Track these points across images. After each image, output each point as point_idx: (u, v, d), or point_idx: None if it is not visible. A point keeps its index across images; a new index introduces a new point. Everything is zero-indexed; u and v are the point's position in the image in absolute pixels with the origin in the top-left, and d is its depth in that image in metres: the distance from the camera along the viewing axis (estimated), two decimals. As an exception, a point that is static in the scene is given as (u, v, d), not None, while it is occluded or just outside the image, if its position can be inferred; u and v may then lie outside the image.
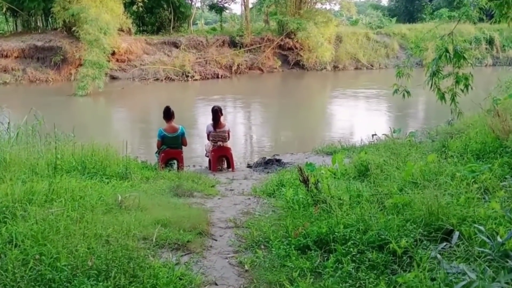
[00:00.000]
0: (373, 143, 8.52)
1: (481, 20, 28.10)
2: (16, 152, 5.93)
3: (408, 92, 5.59)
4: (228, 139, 7.64)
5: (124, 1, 23.47)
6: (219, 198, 5.25)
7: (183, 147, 7.22)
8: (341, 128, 13.39)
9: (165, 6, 27.37)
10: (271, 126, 14.18)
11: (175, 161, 7.17)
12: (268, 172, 7.39)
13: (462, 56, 4.91)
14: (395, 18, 37.59)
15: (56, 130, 7.26)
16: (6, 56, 22.36)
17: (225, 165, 7.70)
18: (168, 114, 7.01)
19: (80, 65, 19.48)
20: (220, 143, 7.47)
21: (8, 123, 7.14)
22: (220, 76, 24.61)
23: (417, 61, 33.29)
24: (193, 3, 31.44)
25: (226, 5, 31.86)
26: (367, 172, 5.25)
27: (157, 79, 23.14)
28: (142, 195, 4.80)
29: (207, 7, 34.45)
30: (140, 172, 6.17)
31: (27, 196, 4.06)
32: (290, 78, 25.80)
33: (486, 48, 33.14)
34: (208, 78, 24.16)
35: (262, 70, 26.62)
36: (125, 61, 23.85)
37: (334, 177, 5.49)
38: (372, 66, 29.50)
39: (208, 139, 7.61)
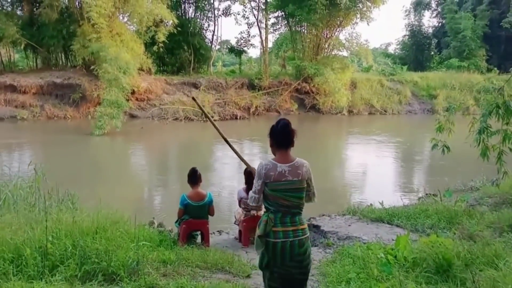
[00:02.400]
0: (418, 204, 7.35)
1: (489, 70, 26.59)
2: (2, 224, 4.29)
3: (448, 148, 5.02)
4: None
5: (145, 41, 22.50)
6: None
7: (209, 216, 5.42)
8: (362, 177, 11.92)
9: (185, 47, 26.65)
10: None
11: (198, 233, 5.37)
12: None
13: (513, 113, 4.29)
14: (406, 66, 36.75)
15: (63, 182, 5.63)
16: (24, 92, 21.13)
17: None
18: (194, 178, 5.16)
19: (99, 103, 18.02)
20: (254, 212, 5.67)
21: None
22: (238, 117, 23.21)
23: (427, 108, 32.24)
24: (213, 46, 30.67)
25: (245, 48, 31.03)
26: (449, 267, 3.74)
27: (176, 119, 21.71)
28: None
29: (226, 50, 33.73)
30: (156, 252, 4.36)
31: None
32: (306, 121, 24.34)
33: (494, 98, 32.10)
34: (226, 119, 22.76)
35: (279, 112, 25.40)
36: (144, 100, 22.53)
37: (408, 270, 3.85)
38: (386, 111, 28.75)
39: (240, 205, 5.81)
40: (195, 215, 5.08)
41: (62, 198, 6.01)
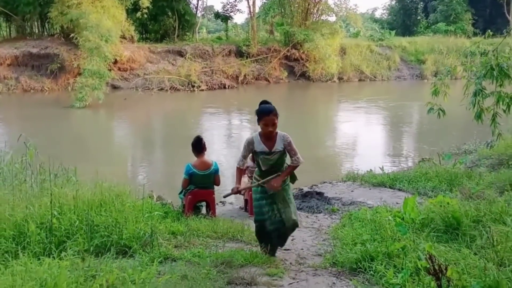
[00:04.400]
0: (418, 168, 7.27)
1: (475, 34, 26.74)
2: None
3: (443, 111, 5.07)
4: None
5: (127, 8, 21.59)
6: (290, 284, 3.42)
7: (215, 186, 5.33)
8: (354, 143, 11.97)
9: (169, 13, 25.68)
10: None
11: (203, 203, 5.31)
12: (313, 212, 5.58)
13: (507, 75, 4.48)
14: (393, 31, 36.55)
15: (52, 158, 5.39)
16: (-2, 64, 20.25)
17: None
18: (198, 147, 4.97)
19: (79, 74, 17.28)
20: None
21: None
22: (226, 86, 22.80)
23: (416, 73, 32.32)
24: (198, 12, 29.76)
25: (231, 14, 30.10)
26: (459, 225, 3.80)
27: (162, 89, 21.19)
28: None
29: (211, 15, 32.77)
30: (164, 224, 4.31)
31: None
32: (297, 89, 24.13)
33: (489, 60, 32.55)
34: (214, 88, 22.31)
35: (268, 81, 25.03)
36: (127, 70, 21.83)
37: (417, 231, 3.87)
38: (375, 77, 28.69)
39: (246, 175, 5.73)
40: (201, 184, 4.98)
41: (56, 173, 5.81)
